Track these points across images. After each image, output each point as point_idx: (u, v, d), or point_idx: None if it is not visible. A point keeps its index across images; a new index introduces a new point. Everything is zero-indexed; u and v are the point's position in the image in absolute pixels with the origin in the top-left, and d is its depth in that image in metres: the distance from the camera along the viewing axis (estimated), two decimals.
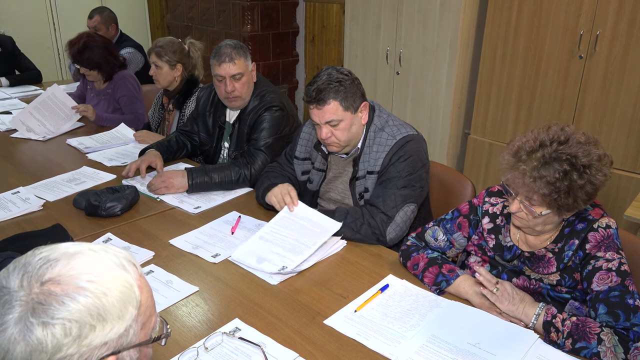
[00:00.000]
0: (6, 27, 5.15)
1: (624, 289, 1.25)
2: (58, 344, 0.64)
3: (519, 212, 1.34)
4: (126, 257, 0.76)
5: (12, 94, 3.70)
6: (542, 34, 3.07)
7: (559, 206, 1.28)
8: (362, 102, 1.81)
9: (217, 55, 2.18)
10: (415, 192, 1.77)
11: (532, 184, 1.26)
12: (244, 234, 1.79)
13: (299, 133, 2.05)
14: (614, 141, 2.95)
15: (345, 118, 1.76)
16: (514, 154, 1.32)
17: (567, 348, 1.23)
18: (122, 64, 3.16)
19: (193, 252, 1.67)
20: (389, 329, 1.32)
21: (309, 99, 1.75)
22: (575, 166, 1.24)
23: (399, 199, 1.74)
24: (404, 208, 1.75)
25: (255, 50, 4.78)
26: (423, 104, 3.69)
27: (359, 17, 3.91)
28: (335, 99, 1.73)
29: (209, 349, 1.23)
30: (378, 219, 1.72)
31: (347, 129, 1.77)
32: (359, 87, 1.80)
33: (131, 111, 3.08)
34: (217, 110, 2.43)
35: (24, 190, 2.09)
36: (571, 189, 1.24)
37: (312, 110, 1.77)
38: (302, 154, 2.03)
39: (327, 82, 1.73)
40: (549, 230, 1.39)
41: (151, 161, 2.24)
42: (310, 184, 2.01)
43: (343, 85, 1.74)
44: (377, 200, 1.75)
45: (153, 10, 6.25)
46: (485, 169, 3.55)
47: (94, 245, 0.75)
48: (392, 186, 1.75)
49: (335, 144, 1.81)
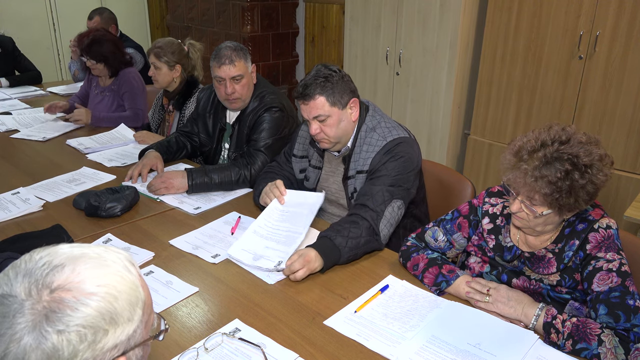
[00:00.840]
0: (6, 27, 5.15)
1: (625, 290, 1.25)
2: (74, 350, 0.65)
3: (520, 212, 1.34)
4: (127, 258, 0.76)
5: (12, 95, 3.71)
6: (542, 34, 3.07)
7: (560, 206, 1.28)
8: (351, 99, 1.80)
9: (217, 57, 2.18)
10: (402, 191, 1.76)
11: (533, 183, 1.26)
12: (242, 233, 1.79)
13: (298, 131, 2.07)
14: (613, 142, 2.95)
15: (333, 114, 1.76)
16: (515, 153, 1.32)
17: (567, 349, 1.23)
18: (129, 61, 3.18)
19: (193, 253, 1.67)
20: (389, 329, 1.32)
21: (297, 95, 1.78)
22: (577, 166, 1.24)
23: (386, 194, 1.72)
24: (392, 204, 1.72)
25: (255, 50, 4.78)
26: (423, 105, 3.69)
27: (359, 18, 3.92)
28: (322, 94, 1.74)
29: (209, 349, 1.23)
30: (368, 216, 1.68)
31: (335, 124, 1.78)
32: (348, 84, 1.80)
33: (131, 106, 3.08)
34: (217, 112, 2.43)
35: (24, 190, 2.09)
36: (572, 188, 1.24)
37: (301, 106, 1.79)
38: (300, 152, 2.04)
39: (314, 77, 1.75)
40: (550, 231, 1.39)
41: (152, 164, 2.25)
42: (307, 181, 2.02)
43: (330, 81, 1.75)
44: (365, 198, 1.73)
45: (153, 10, 6.25)
46: (485, 170, 3.55)
47: (95, 247, 0.75)
48: (379, 183, 1.74)
49: (325, 140, 1.82)
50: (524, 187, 1.29)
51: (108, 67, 3.06)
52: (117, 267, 0.73)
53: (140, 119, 3.07)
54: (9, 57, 3.99)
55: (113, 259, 0.74)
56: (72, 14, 5.57)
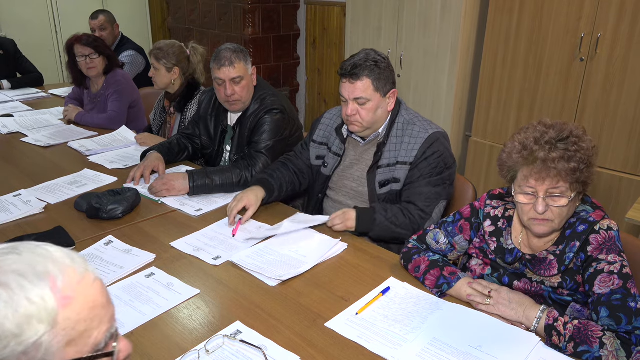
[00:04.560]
0: (8, 29, 5.17)
1: (626, 292, 1.25)
2: None
3: (546, 212, 1.31)
4: (59, 262, 0.65)
5: (14, 97, 3.71)
6: (543, 36, 3.07)
7: (583, 183, 1.31)
8: (392, 89, 1.85)
9: (217, 59, 2.19)
10: (446, 189, 1.85)
11: (557, 164, 1.26)
12: (245, 236, 1.79)
13: (320, 119, 2.12)
14: (615, 144, 2.95)
15: (374, 99, 1.80)
16: (520, 150, 1.32)
17: (569, 352, 1.22)
18: (120, 65, 3.27)
19: (194, 255, 1.68)
20: (390, 331, 1.32)
21: (343, 72, 1.81)
22: (577, 136, 1.30)
23: (434, 196, 1.81)
24: (439, 205, 1.83)
25: (257, 53, 4.79)
26: (424, 107, 3.69)
27: (360, 20, 3.92)
28: (369, 77, 1.78)
29: (210, 351, 1.23)
30: (416, 214, 1.79)
31: (373, 110, 1.82)
32: (392, 73, 1.85)
33: (113, 108, 3.08)
34: (218, 114, 2.43)
35: (26, 192, 2.10)
36: (583, 157, 1.28)
37: (344, 84, 1.82)
38: (320, 138, 2.09)
39: (365, 59, 1.80)
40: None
41: (154, 165, 2.25)
42: (325, 168, 2.05)
43: (379, 66, 1.79)
44: (414, 198, 1.82)
45: (154, 13, 6.27)
46: (487, 172, 3.55)
47: (23, 246, 0.66)
48: (426, 184, 1.82)
49: (358, 123, 1.85)
50: (547, 177, 1.28)
51: (105, 61, 3.09)
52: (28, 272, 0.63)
53: (118, 123, 3.01)
54: (11, 59, 4.00)
55: (29, 260, 0.64)
56: (74, 16, 5.58)
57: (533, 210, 1.32)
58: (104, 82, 3.14)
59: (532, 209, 1.33)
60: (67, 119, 3.12)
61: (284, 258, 1.65)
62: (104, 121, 3.03)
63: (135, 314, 1.38)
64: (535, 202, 1.32)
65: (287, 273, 1.55)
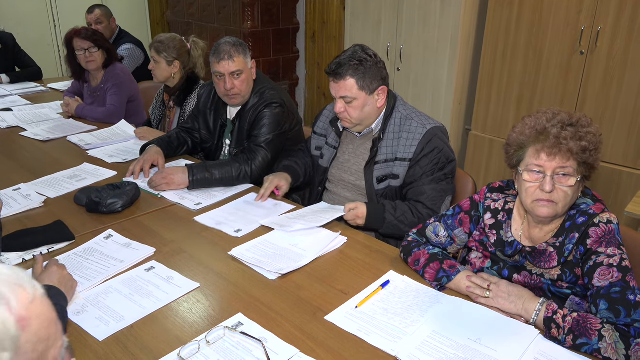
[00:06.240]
0: (6, 24, 5.15)
1: (625, 285, 1.25)
2: None
3: (553, 191, 1.30)
4: (8, 282, 0.60)
5: (13, 91, 3.71)
6: (543, 29, 3.06)
7: (590, 167, 1.31)
8: (381, 86, 1.85)
9: (217, 53, 2.18)
10: (449, 184, 1.87)
11: (569, 142, 1.27)
12: (262, 212, 1.91)
13: (323, 110, 2.15)
14: (615, 137, 2.95)
15: (360, 97, 1.81)
16: (533, 126, 1.33)
17: (567, 344, 1.23)
18: (119, 59, 3.27)
19: (217, 228, 1.78)
20: (389, 324, 1.32)
21: (328, 71, 1.83)
22: (587, 122, 1.32)
23: (440, 193, 1.83)
24: (445, 201, 1.85)
25: (256, 46, 4.77)
26: (424, 100, 3.68)
27: (360, 14, 3.91)
28: (353, 77, 1.79)
29: (210, 342, 1.24)
30: (425, 213, 1.81)
31: (360, 107, 1.83)
32: (380, 71, 1.84)
33: (112, 102, 3.07)
34: (218, 108, 2.43)
35: (25, 187, 2.10)
36: (595, 141, 1.29)
37: (331, 83, 1.85)
38: (320, 130, 2.12)
39: (349, 58, 1.80)
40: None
41: (153, 159, 2.25)
42: (321, 159, 2.08)
43: (363, 65, 1.79)
44: (421, 197, 1.83)
45: (153, 6, 6.24)
46: (486, 165, 3.55)
47: None
48: (430, 181, 1.83)
49: (347, 120, 1.88)
50: (559, 152, 1.28)
51: (104, 55, 3.09)
52: None
53: (117, 117, 3.01)
54: (10, 53, 3.99)
55: None
56: (73, 10, 5.56)
57: (538, 191, 1.32)
58: (103, 75, 3.13)
59: (537, 190, 1.32)
60: (69, 114, 3.11)
61: (284, 252, 1.65)
62: (103, 115, 3.03)
63: (135, 308, 1.38)
64: (542, 181, 1.31)
65: (287, 266, 1.55)
